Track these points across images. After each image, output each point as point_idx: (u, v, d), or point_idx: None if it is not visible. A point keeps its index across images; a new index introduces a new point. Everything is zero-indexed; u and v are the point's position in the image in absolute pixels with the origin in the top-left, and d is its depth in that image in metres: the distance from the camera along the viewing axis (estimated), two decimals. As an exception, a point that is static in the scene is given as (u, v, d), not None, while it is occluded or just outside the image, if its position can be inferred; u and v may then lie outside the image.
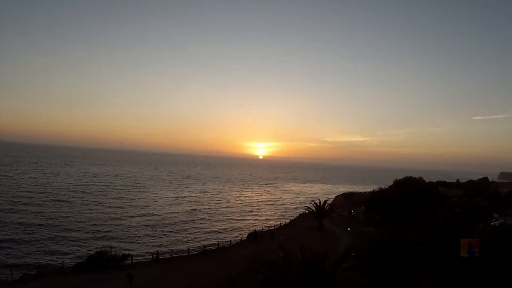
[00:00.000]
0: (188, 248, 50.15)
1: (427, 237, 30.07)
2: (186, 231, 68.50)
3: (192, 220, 78.74)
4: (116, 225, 67.67)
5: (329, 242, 46.41)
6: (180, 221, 76.92)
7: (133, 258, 42.32)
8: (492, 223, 56.31)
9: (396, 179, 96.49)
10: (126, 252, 43.05)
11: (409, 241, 28.40)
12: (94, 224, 65.63)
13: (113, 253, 39.94)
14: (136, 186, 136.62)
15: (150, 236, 62.12)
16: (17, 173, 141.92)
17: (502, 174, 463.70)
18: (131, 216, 76.98)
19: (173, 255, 46.70)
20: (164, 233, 65.29)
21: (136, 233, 62.99)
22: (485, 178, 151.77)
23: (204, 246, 51.68)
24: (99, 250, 41.05)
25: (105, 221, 69.84)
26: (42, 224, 62.00)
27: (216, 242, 54.59)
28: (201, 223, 77.49)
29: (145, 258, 46.30)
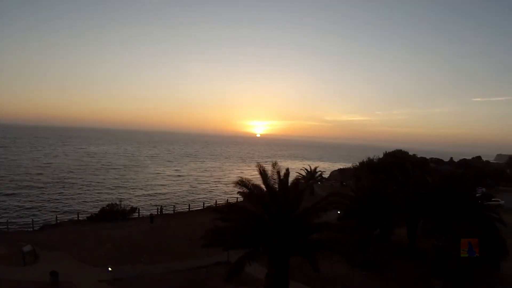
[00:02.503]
0: (189, 205, 55.05)
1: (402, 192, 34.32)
2: (186, 196, 73.47)
3: (192, 192, 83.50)
4: (119, 193, 72.20)
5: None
6: (180, 191, 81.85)
7: (140, 212, 47.35)
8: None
9: (386, 151, 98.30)
10: (134, 206, 48.17)
11: (385, 194, 32.83)
12: (97, 200, 67.65)
13: (122, 206, 44.71)
14: (135, 164, 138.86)
15: (151, 199, 67.01)
16: (17, 153, 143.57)
17: (499, 156, 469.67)
18: (133, 189, 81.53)
19: (175, 211, 51.63)
20: (166, 198, 70.15)
21: (138, 200, 67.34)
22: (479, 157, 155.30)
23: (203, 203, 56.44)
24: (110, 203, 45.82)
25: (107, 195, 72.77)
26: (44, 200, 63.83)
27: (214, 201, 59.34)
28: (202, 188, 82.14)
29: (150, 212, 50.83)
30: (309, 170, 65.94)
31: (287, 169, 20.03)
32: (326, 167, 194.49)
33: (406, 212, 27.19)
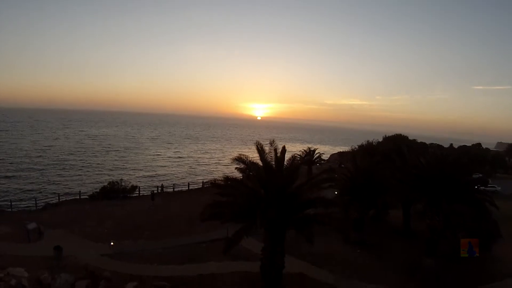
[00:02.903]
0: (188, 183, 56.09)
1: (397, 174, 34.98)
2: (186, 177, 74.51)
3: (192, 173, 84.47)
4: (120, 174, 73.14)
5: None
6: (180, 172, 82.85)
7: (140, 191, 48.37)
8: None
9: (386, 135, 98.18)
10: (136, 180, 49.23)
11: (380, 175, 33.49)
12: (97, 181, 67.88)
13: (123, 185, 45.59)
14: (136, 146, 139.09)
15: (152, 180, 67.99)
16: (17, 137, 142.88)
17: (499, 144, 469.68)
18: (133, 170, 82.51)
19: (175, 190, 52.72)
20: (166, 179, 71.11)
21: (138, 181, 68.12)
22: (478, 144, 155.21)
23: (202, 181, 57.22)
24: (111, 181, 46.72)
25: (107, 176, 72.80)
26: (45, 182, 64.34)
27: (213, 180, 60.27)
28: (202, 169, 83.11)
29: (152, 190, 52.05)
30: (307, 151, 66.62)
31: (284, 147, 20.69)
32: (326, 150, 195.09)
33: (399, 192, 27.91)
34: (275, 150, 20.29)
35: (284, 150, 20.46)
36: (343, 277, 25.85)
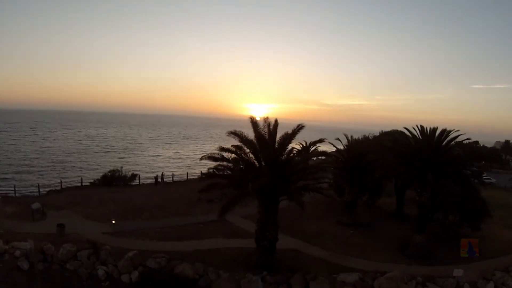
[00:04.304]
0: (187, 173, 57.04)
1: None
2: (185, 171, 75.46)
3: (191, 168, 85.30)
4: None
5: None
6: (180, 168, 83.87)
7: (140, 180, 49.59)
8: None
9: (382, 131, 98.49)
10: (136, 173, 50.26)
11: (370, 156, 34.56)
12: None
13: (124, 172, 46.67)
14: (135, 147, 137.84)
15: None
16: (16, 138, 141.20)
17: (497, 143, 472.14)
18: (132, 171, 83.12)
19: (174, 180, 53.85)
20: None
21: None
22: (476, 142, 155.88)
23: (201, 172, 58.11)
24: (112, 169, 47.75)
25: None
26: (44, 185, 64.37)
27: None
28: (201, 165, 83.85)
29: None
30: (304, 145, 67.43)
31: (276, 120, 21.67)
32: (326, 149, 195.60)
33: (388, 168, 28.90)
34: (268, 124, 21.31)
35: (276, 123, 21.47)
36: (336, 253, 26.82)
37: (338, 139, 35.50)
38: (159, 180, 51.42)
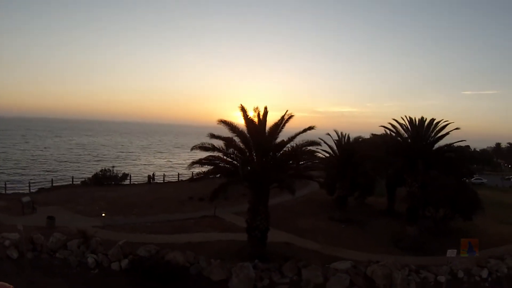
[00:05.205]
0: (178, 173, 56.66)
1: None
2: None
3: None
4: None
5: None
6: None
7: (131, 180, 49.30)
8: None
9: (372, 134, 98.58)
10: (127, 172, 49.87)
11: (361, 153, 34.76)
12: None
13: (115, 172, 46.32)
14: (126, 156, 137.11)
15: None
16: (7, 146, 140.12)
17: (489, 148, 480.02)
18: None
19: (165, 180, 53.57)
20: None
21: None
22: (467, 147, 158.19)
23: (192, 173, 57.77)
24: (103, 168, 47.39)
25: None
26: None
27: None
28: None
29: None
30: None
31: (266, 108, 21.71)
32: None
33: (377, 160, 29.09)
34: (258, 113, 21.37)
35: (266, 111, 21.52)
36: (329, 245, 26.81)
37: (328, 134, 35.32)
38: (152, 180, 51.22)
